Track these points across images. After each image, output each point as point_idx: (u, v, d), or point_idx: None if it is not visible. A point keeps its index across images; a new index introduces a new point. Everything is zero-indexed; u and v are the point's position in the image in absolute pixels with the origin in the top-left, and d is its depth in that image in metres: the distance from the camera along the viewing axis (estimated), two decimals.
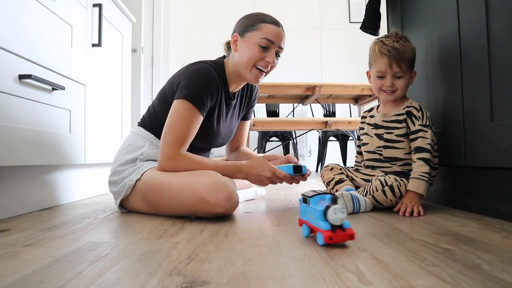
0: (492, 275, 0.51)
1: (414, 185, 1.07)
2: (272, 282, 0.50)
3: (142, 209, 1.09)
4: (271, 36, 1.11)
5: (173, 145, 1.04)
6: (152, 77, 3.26)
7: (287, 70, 4.17)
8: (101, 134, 1.60)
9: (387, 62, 1.13)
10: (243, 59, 1.12)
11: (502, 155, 0.93)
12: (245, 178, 1.10)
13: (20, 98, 1.05)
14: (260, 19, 1.13)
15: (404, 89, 1.17)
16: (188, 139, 1.07)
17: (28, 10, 1.08)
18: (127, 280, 0.52)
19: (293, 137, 3.66)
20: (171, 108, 1.08)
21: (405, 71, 1.15)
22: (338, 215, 0.67)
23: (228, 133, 1.28)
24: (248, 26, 1.13)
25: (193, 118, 1.06)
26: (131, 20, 1.99)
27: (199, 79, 1.08)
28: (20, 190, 1.12)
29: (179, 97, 1.07)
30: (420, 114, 1.13)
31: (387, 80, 1.15)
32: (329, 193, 0.75)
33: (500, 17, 0.93)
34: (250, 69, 1.13)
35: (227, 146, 1.44)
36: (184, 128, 1.05)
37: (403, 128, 1.16)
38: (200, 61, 1.15)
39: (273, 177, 1.08)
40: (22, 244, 0.73)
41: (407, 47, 1.14)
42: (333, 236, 0.67)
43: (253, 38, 1.11)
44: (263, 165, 1.08)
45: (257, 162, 1.09)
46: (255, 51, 1.11)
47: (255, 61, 1.12)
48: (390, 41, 1.15)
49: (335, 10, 4.39)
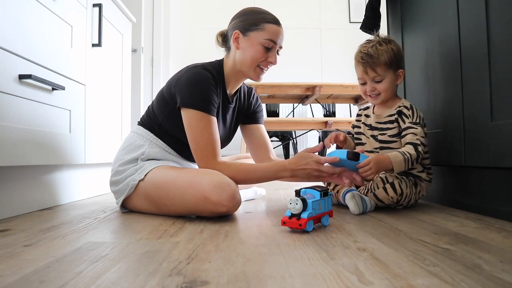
0: (492, 275, 0.51)
1: (391, 154, 1.06)
2: (272, 282, 0.50)
3: (144, 208, 1.09)
4: (275, 37, 1.12)
5: (207, 157, 1.05)
6: (152, 77, 3.26)
7: (287, 70, 4.17)
8: (101, 134, 1.60)
9: (362, 69, 1.17)
10: (247, 58, 1.13)
11: (502, 155, 0.93)
12: (292, 175, 1.05)
13: (20, 98, 1.05)
14: (264, 19, 1.13)
15: (388, 91, 1.17)
16: (217, 145, 1.07)
17: (28, 10, 1.08)
18: (127, 280, 0.52)
19: (293, 137, 3.66)
20: (184, 120, 1.08)
21: (383, 74, 1.15)
22: (292, 205, 0.81)
23: (225, 136, 1.28)
24: (251, 25, 1.12)
25: (210, 124, 1.06)
26: (131, 20, 1.99)
27: (198, 85, 1.07)
28: (20, 190, 1.12)
29: (186, 107, 1.06)
30: (410, 113, 1.14)
31: (368, 85, 1.18)
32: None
33: (500, 17, 0.93)
34: (254, 68, 1.14)
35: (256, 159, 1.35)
36: (207, 137, 1.05)
37: (395, 128, 1.16)
38: (192, 66, 1.13)
39: (319, 168, 1.01)
40: (22, 244, 0.73)
41: (382, 50, 1.14)
42: (287, 222, 0.81)
43: (257, 38, 1.11)
44: (306, 157, 1.03)
45: (299, 157, 1.05)
46: (259, 52, 1.11)
47: (259, 60, 1.13)
48: (367, 47, 1.17)
49: (335, 10, 4.39)
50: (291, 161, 1.05)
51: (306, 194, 0.85)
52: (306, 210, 0.81)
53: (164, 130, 1.16)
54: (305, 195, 0.84)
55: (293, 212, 0.81)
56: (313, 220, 0.83)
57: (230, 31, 1.17)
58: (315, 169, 1.01)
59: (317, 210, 0.84)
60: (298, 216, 0.81)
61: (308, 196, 0.84)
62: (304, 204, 0.80)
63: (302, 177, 1.05)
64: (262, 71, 1.16)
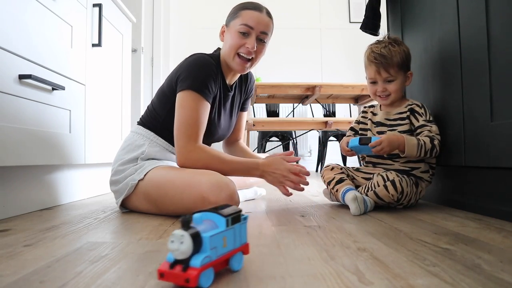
0: (492, 275, 0.51)
1: (407, 136, 1.10)
2: (272, 282, 0.50)
3: (143, 208, 1.09)
4: (250, 21, 1.10)
5: (190, 137, 1.05)
6: (152, 77, 3.26)
7: (287, 70, 4.17)
8: (101, 134, 1.60)
9: (375, 69, 1.18)
10: (226, 47, 1.14)
11: (502, 155, 0.93)
12: (260, 176, 1.10)
13: (20, 98, 1.05)
14: (242, 7, 1.14)
15: (398, 92, 1.20)
16: (202, 129, 1.08)
17: (28, 10, 1.08)
18: (127, 280, 0.52)
19: (293, 137, 3.66)
20: (176, 101, 1.08)
21: (395, 75, 1.18)
22: (173, 245, 0.46)
23: (227, 125, 1.28)
24: (231, 15, 1.15)
25: (202, 106, 1.07)
26: (131, 20, 1.99)
27: (199, 68, 1.09)
28: (20, 190, 1.12)
29: (182, 88, 1.07)
30: (423, 111, 1.17)
31: (379, 85, 1.19)
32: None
33: (500, 17, 0.93)
34: (233, 57, 1.13)
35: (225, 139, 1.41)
36: (196, 118, 1.05)
37: (406, 125, 1.18)
38: (196, 53, 1.16)
39: (288, 176, 1.07)
40: (22, 244, 0.73)
41: (395, 52, 1.17)
42: (166, 274, 0.47)
43: (234, 26, 1.12)
44: (279, 163, 1.08)
45: (273, 160, 1.09)
46: (235, 38, 1.12)
47: (236, 48, 1.12)
48: (379, 47, 1.18)
49: (335, 10, 4.39)
50: (264, 162, 1.10)
51: (201, 223, 0.51)
52: (199, 252, 0.48)
53: (166, 127, 1.16)
54: (198, 225, 0.50)
55: (177, 258, 0.47)
56: (214, 266, 0.49)
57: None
58: (283, 175, 1.07)
59: (221, 249, 0.51)
60: (185, 263, 0.47)
61: (205, 227, 0.50)
62: (196, 242, 0.47)
63: (268, 180, 1.10)
64: (244, 61, 1.13)
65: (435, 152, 1.11)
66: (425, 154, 1.09)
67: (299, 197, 1.49)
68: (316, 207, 1.21)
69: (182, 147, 1.05)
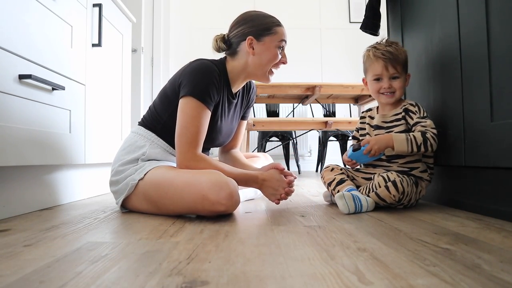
0: (492, 275, 0.51)
1: (395, 134, 1.13)
2: (272, 282, 0.50)
3: (143, 208, 1.09)
4: (285, 37, 1.19)
5: (191, 145, 1.07)
6: (152, 77, 3.26)
7: (287, 70, 4.15)
8: (101, 134, 1.60)
9: (382, 64, 1.18)
10: (263, 61, 1.16)
11: (502, 155, 0.93)
12: (259, 188, 1.15)
13: (20, 98, 1.05)
14: (273, 23, 1.18)
15: (402, 90, 1.21)
16: (202, 136, 1.09)
17: (29, 10, 1.08)
18: (127, 280, 0.52)
19: (293, 137, 3.65)
20: (179, 107, 1.10)
21: (401, 73, 1.19)
22: None
23: (228, 132, 1.29)
24: (264, 30, 1.16)
25: (203, 115, 1.09)
26: (131, 20, 1.99)
27: (202, 75, 1.09)
28: (20, 190, 1.12)
29: (185, 95, 1.08)
30: (416, 109, 1.18)
31: (384, 82, 1.19)
32: None
33: (500, 17, 0.93)
34: (269, 70, 1.19)
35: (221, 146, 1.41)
36: (197, 127, 1.07)
37: (402, 125, 1.19)
38: (200, 59, 1.16)
39: (282, 194, 1.13)
40: (22, 244, 0.73)
41: (400, 50, 1.20)
42: None
43: (272, 42, 1.16)
44: (280, 180, 1.13)
45: (273, 176, 1.13)
46: (276, 54, 1.17)
47: (276, 62, 1.18)
48: (383, 46, 1.20)
49: (335, 10, 4.39)
50: (264, 177, 1.13)
51: None
52: None
53: (168, 129, 1.16)
54: None
55: None
56: None
57: (239, 37, 1.17)
58: (280, 192, 1.13)
59: None
60: None
61: None
62: None
63: (265, 193, 1.15)
64: (272, 73, 1.21)
65: (429, 145, 1.09)
66: (418, 148, 1.09)
67: (299, 197, 1.49)
68: (316, 207, 1.21)
69: (183, 153, 1.07)
